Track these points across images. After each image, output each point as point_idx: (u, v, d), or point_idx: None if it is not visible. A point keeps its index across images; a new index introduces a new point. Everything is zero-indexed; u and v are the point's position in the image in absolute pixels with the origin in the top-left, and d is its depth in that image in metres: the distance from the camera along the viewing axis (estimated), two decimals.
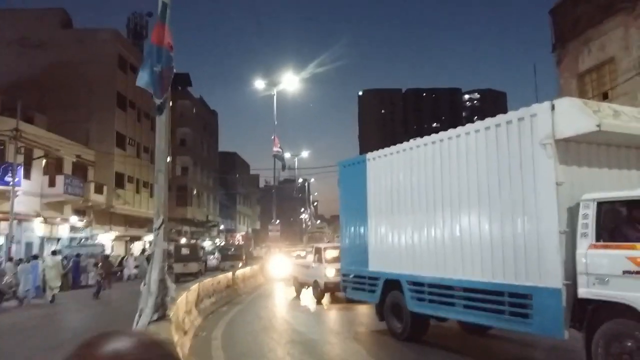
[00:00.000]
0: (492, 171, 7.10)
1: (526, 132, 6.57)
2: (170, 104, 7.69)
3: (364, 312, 12.69)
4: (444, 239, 7.94)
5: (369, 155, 10.38)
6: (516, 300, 6.54)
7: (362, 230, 10.38)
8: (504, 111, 8.47)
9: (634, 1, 13.78)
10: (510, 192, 6.77)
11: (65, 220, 28.73)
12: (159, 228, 7.26)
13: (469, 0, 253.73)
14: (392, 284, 9.15)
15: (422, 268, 8.36)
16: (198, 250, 28.34)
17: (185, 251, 26.53)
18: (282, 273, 23.16)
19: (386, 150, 9.81)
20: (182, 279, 19.60)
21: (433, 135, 8.49)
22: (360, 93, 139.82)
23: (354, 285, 10.72)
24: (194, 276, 21.15)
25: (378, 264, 9.72)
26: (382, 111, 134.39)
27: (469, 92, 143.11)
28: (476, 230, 7.29)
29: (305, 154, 53.67)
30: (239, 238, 60.56)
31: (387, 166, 9.62)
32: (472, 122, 8.39)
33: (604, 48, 15.09)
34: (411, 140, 9.14)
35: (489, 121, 7.27)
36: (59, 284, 18.54)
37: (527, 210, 6.50)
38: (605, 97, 14.85)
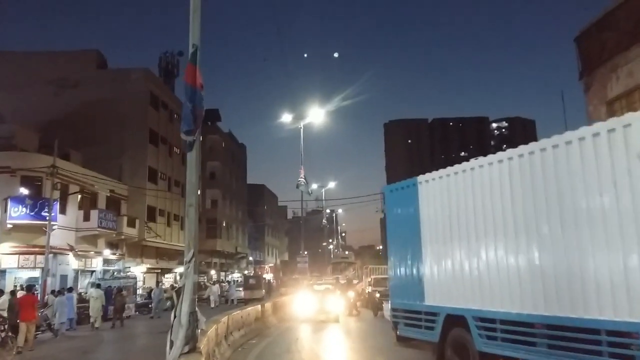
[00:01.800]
0: (577, 190, 6.28)
1: (618, 145, 5.80)
2: (201, 138, 7.43)
3: None
4: (519, 268, 7.05)
5: (421, 177, 9.67)
6: (617, 340, 5.62)
7: (415, 260, 9.55)
8: (534, 139, 8.03)
9: None
10: (602, 212, 5.94)
11: (99, 253, 28.78)
12: (190, 261, 6.94)
13: (494, 28, 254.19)
14: (455, 320, 8.25)
15: (492, 302, 7.45)
16: (261, 280, 37.40)
17: (252, 281, 34.44)
18: (308, 311, 19.72)
19: (441, 171, 9.10)
20: (250, 303, 22.49)
21: (499, 153, 7.74)
22: (386, 123, 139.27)
23: (407, 321, 9.83)
24: (259, 300, 24.62)
25: (436, 298, 8.84)
26: (409, 141, 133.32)
27: (496, 121, 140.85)
28: (561, 259, 6.41)
29: (332, 184, 53.74)
30: (267, 270, 59.87)
31: (444, 189, 8.88)
32: (502, 150, 7.75)
33: (632, 74, 14.65)
34: (472, 160, 8.41)
35: (569, 135, 6.50)
36: (101, 314, 20.14)
37: (626, 233, 5.64)
38: None
